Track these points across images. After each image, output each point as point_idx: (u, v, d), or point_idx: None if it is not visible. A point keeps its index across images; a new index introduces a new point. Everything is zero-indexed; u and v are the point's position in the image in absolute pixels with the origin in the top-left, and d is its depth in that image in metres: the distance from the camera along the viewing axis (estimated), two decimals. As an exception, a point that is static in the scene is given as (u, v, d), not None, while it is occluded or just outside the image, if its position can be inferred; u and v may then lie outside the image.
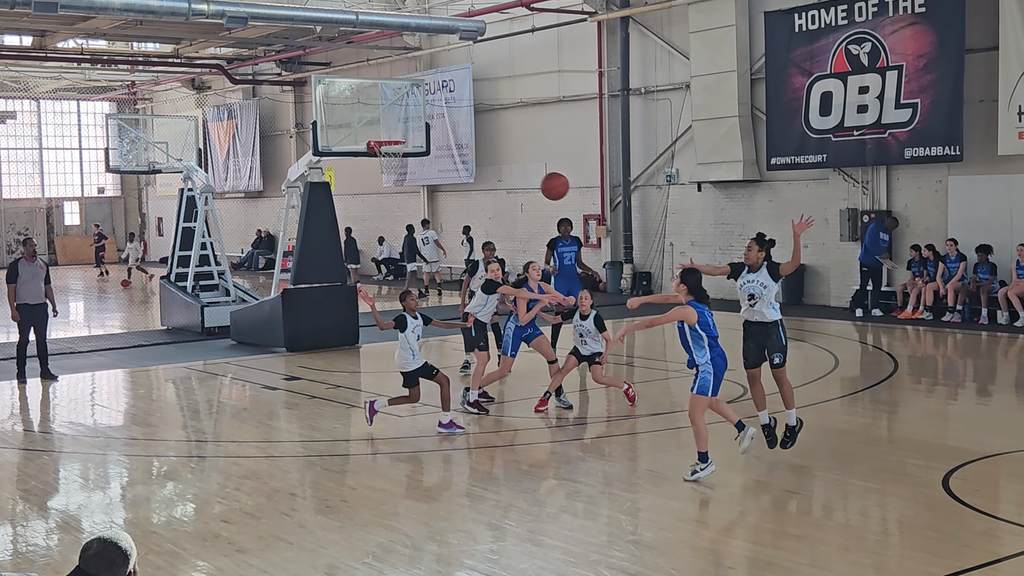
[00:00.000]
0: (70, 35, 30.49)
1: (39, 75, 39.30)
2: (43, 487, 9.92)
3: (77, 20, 27.39)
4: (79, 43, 32.97)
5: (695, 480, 9.01)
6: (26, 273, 14.99)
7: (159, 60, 36.05)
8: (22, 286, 14.94)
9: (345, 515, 8.49)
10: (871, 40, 20.36)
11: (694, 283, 9.07)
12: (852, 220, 21.36)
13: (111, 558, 4.27)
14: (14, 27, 29.41)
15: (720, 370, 9.08)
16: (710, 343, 9.02)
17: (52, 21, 27.58)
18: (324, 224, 18.11)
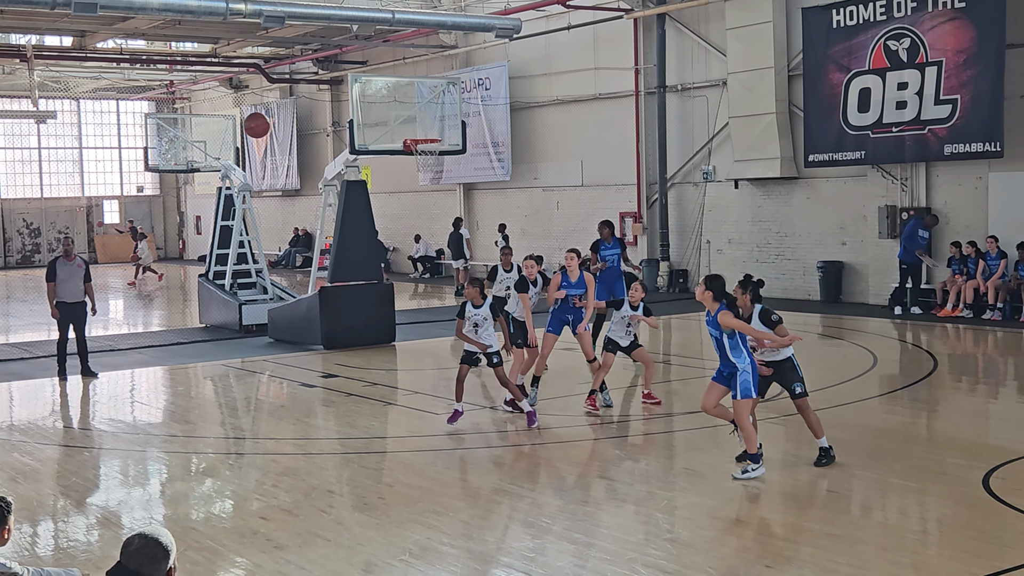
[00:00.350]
0: (109, 35, 30.80)
1: (79, 75, 39.64)
2: (83, 483, 9.99)
3: (116, 20, 27.65)
4: (118, 43, 33.30)
5: (745, 479, 8.99)
6: (64, 272, 15.14)
7: (197, 59, 36.34)
8: (60, 284, 15.09)
9: (382, 512, 8.49)
10: (910, 35, 20.18)
11: (719, 288, 9.01)
12: (891, 217, 21.21)
13: (153, 554, 4.32)
14: (55, 28, 29.75)
15: (755, 374, 9.11)
16: (746, 346, 9.05)
17: (92, 21, 27.89)
18: (361, 222, 18.17)
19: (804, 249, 23.03)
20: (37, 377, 15.68)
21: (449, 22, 26.08)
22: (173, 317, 24.67)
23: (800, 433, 10.86)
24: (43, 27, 29.33)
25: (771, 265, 23.70)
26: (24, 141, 44.42)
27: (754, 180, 23.63)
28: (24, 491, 9.28)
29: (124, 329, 21.99)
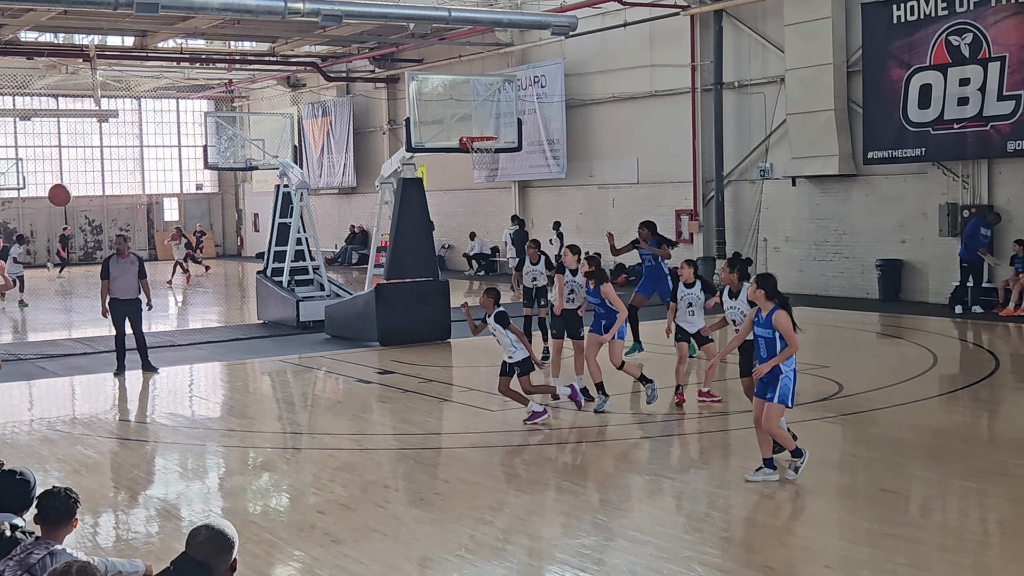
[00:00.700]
0: (170, 35, 31.34)
1: (140, 74, 40.31)
2: (144, 476, 10.18)
3: (177, 20, 28.08)
4: (179, 43, 33.91)
5: (798, 474, 8.89)
6: (117, 269, 15.34)
7: (256, 58, 36.85)
8: (114, 282, 15.29)
9: (438, 508, 8.58)
10: (972, 31, 19.92)
11: (772, 286, 8.82)
12: (951, 215, 20.93)
13: (219, 544, 4.45)
14: (117, 28, 30.30)
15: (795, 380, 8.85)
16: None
17: (153, 21, 28.33)
18: (417, 220, 18.30)
19: (863, 247, 22.83)
20: (99, 372, 15.94)
21: (505, 20, 26.11)
22: (231, 313, 25.04)
23: (857, 433, 10.97)
24: (105, 27, 29.85)
25: (829, 263, 23.54)
26: (86, 140, 45.25)
27: (812, 177, 23.46)
28: (87, 483, 9.44)
29: (184, 325, 22.35)
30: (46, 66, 34.95)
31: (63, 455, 10.74)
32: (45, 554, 5.08)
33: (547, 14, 26.17)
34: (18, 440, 11.54)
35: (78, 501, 5.42)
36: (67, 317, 24.72)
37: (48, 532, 5.27)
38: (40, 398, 14.63)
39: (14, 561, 5.08)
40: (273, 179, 23.98)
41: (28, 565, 5.03)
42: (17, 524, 5.47)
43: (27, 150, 43.87)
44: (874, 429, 11.00)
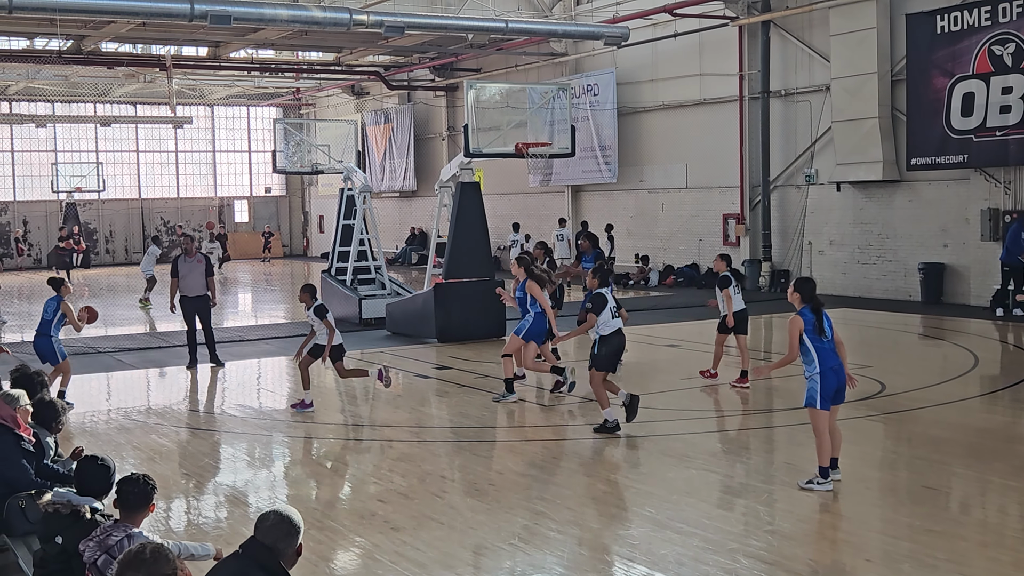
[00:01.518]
0: (241, 46, 31.92)
1: (213, 83, 41.22)
2: (213, 464, 10.45)
3: (248, 32, 28.79)
4: (249, 53, 34.44)
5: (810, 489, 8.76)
6: (184, 268, 15.80)
7: (322, 68, 37.48)
8: (182, 280, 15.78)
9: (492, 498, 8.74)
10: (1015, 40, 20.15)
11: (808, 291, 8.89)
12: (993, 220, 21.15)
13: (286, 529, 4.53)
14: (191, 39, 31.14)
15: (829, 385, 8.70)
16: (818, 353, 8.69)
17: (225, 33, 29.11)
18: (474, 222, 18.63)
19: (905, 251, 23.09)
20: (172, 365, 16.41)
21: (560, 31, 26.53)
22: (297, 310, 25.03)
23: (899, 431, 11.02)
24: (181, 38, 30.68)
25: (872, 266, 23.85)
26: (162, 145, 46.45)
27: (856, 183, 23.75)
28: (160, 470, 9.77)
29: (252, 321, 22.83)
30: (125, 75, 35.81)
31: (138, 443, 11.09)
32: (123, 536, 5.21)
33: (600, 25, 26.62)
34: (96, 429, 11.92)
35: (155, 487, 5.51)
36: (143, 313, 25.26)
37: (126, 516, 5.39)
38: (117, 389, 15.02)
39: (94, 542, 5.22)
40: (338, 183, 24.41)
41: (107, 547, 5.17)
42: (97, 507, 5.65)
43: (107, 154, 45.17)
44: (916, 428, 11.11)
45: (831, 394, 8.74)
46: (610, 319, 10.98)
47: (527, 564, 7.28)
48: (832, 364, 8.73)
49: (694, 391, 13.68)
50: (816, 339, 8.74)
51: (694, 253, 28.28)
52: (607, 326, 10.96)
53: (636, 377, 15.19)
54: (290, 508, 4.66)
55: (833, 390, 8.74)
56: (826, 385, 8.67)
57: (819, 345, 8.74)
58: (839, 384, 8.78)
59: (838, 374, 8.76)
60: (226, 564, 4.61)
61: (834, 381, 8.72)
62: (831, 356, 8.76)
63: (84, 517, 5.52)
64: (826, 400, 8.72)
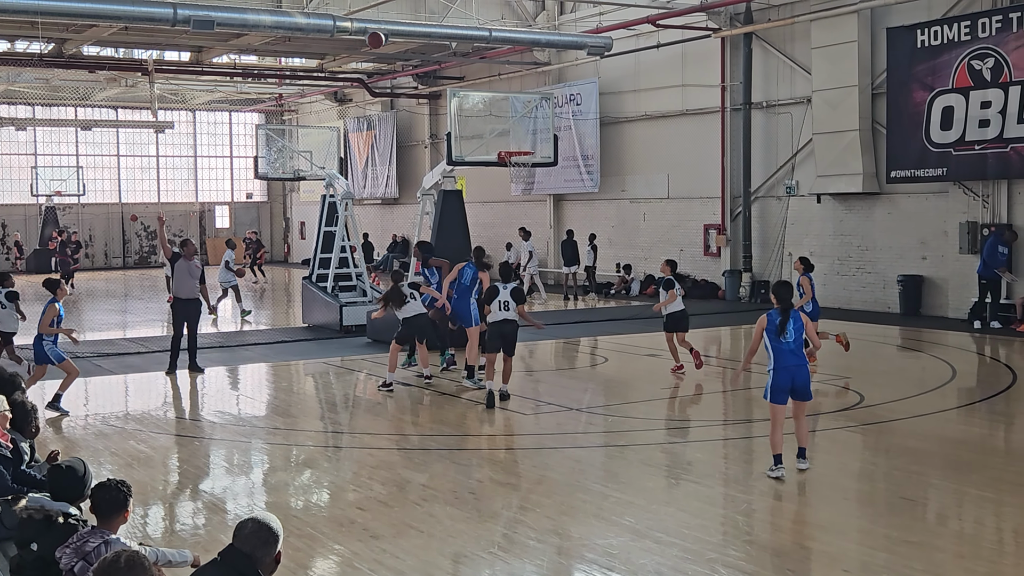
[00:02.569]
0: (224, 51, 31.89)
1: (195, 88, 41.00)
2: (193, 471, 10.46)
3: (231, 37, 28.63)
4: (232, 58, 34.46)
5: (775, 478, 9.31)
6: (182, 270, 15.79)
7: (305, 74, 37.31)
8: (178, 282, 15.78)
9: (472, 506, 8.76)
10: (994, 55, 20.30)
11: (780, 294, 9.62)
12: (971, 233, 21.27)
13: (265, 537, 4.51)
14: (174, 44, 30.92)
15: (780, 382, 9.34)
16: (774, 352, 9.38)
17: (208, 38, 28.90)
18: (456, 230, 18.64)
19: (884, 263, 23.23)
20: (151, 370, 16.28)
21: (543, 40, 26.55)
22: (277, 317, 25.36)
23: (877, 442, 11.10)
24: (163, 43, 30.48)
25: (852, 278, 23.98)
26: (143, 149, 46.29)
27: (836, 195, 23.89)
28: (138, 476, 9.72)
29: (232, 327, 22.73)
30: (107, 79, 35.59)
31: (116, 449, 11.05)
32: (100, 543, 5.19)
33: (583, 35, 26.68)
34: (74, 434, 11.91)
35: (129, 493, 5.46)
36: (122, 318, 25.24)
37: (103, 523, 5.38)
38: (96, 394, 14.94)
39: (71, 549, 5.21)
40: (319, 189, 24.33)
41: (84, 553, 5.16)
42: (71, 513, 5.61)
43: (87, 158, 44.99)
44: (894, 439, 11.14)
45: (783, 388, 9.39)
46: (498, 310, 13.00)
47: (506, 573, 7.29)
48: (787, 363, 9.40)
49: (674, 401, 13.78)
50: (775, 339, 9.43)
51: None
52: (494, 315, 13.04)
53: (617, 386, 15.32)
54: (269, 515, 4.65)
55: (785, 386, 9.39)
56: (777, 380, 9.36)
57: (776, 345, 9.42)
58: (793, 382, 9.41)
59: (791, 372, 9.40)
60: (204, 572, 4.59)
61: (786, 378, 9.36)
62: (787, 356, 9.41)
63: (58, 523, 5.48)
64: (777, 393, 9.39)
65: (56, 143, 44.71)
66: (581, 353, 18.28)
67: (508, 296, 13.05)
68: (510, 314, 13.04)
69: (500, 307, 13.01)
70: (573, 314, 24.44)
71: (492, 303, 13.05)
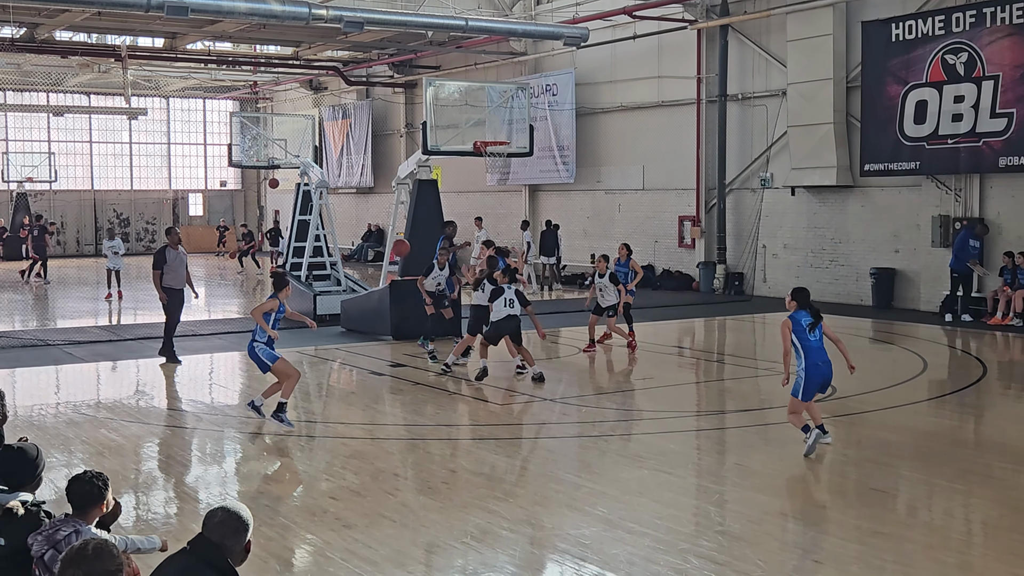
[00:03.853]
0: (198, 37, 31.86)
1: (169, 75, 40.86)
2: (164, 459, 10.43)
3: (205, 23, 28.66)
4: (206, 45, 34.47)
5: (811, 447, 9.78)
6: (172, 260, 15.74)
7: (280, 62, 37.32)
8: (168, 272, 15.68)
9: (445, 496, 8.75)
10: (968, 50, 20.46)
11: (803, 299, 10.06)
12: (944, 227, 21.43)
13: (234, 526, 4.49)
14: (147, 29, 30.88)
15: (813, 378, 9.82)
16: (805, 351, 9.81)
17: (182, 24, 28.89)
18: (431, 219, 18.61)
19: (857, 256, 23.38)
20: (123, 358, 16.26)
21: (519, 30, 26.56)
22: (251, 305, 24.82)
23: (849, 434, 11.12)
24: (137, 28, 30.45)
25: (825, 271, 24.13)
26: (116, 136, 46.04)
27: (810, 187, 24.03)
28: (110, 465, 9.65)
29: (205, 316, 22.60)
30: (79, 65, 35.37)
31: (87, 438, 10.98)
32: (71, 531, 5.12)
33: (560, 25, 26.67)
34: (44, 422, 11.79)
35: (106, 486, 5.39)
36: (94, 305, 25.04)
37: (78, 514, 5.31)
38: (66, 383, 14.86)
39: (42, 536, 5.12)
40: (294, 178, 24.37)
41: (55, 541, 5.08)
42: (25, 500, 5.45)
43: (59, 145, 44.67)
44: (865, 431, 11.21)
45: (815, 388, 9.89)
46: (501, 307, 13.83)
47: (479, 563, 7.29)
48: (817, 360, 9.85)
49: (647, 392, 13.84)
50: (804, 338, 9.87)
51: (650, 254, 28.43)
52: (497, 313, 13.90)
53: (590, 377, 15.34)
54: (239, 504, 4.64)
55: (818, 384, 9.88)
56: (811, 379, 9.80)
57: (806, 344, 9.85)
58: (823, 378, 9.91)
59: (821, 369, 9.86)
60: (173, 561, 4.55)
61: (818, 376, 9.83)
62: (818, 353, 9.86)
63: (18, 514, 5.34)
64: (809, 394, 9.88)
65: (28, 129, 44.37)
66: (554, 343, 18.29)
67: (513, 295, 13.94)
68: (514, 310, 13.90)
69: (505, 304, 13.86)
70: (548, 304, 24.44)
71: (496, 301, 13.89)
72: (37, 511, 5.37)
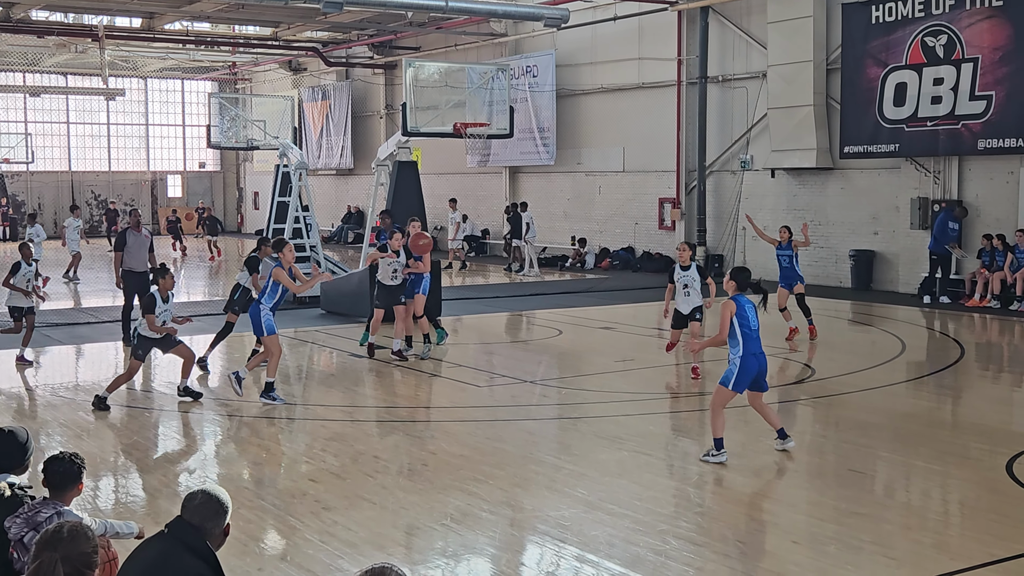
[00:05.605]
0: (176, 17, 31.55)
1: (147, 55, 40.63)
2: (143, 442, 10.34)
3: (183, 3, 28.52)
4: (185, 25, 34.05)
5: (707, 462, 9.09)
6: (133, 242, 15.57)
7: (259, 42, 37.18)
8: (129, 254, 15.52)
9: (425, 478, 8.75)
10: (947, 32, 20.52)
11: (742, 280, 9.30)
12: (923, 209, 21.54)
13: (213, 509, 4.49)
14: (125, 9, 30.63)
15: (748, 369, 9.02)
16: (744, 337, 8.99)
17: (160, 4, 28.83)
18: (411, 201, 18.53)
19: (837, 238, 23.47)
20: (102, 341, 16.18)
21: (500, 11, 26.42)
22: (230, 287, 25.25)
23: (827, 415, 11.21)
24: (114, 8, 30.21)
25: (804, 252, 23.98)
26: (94, 117, 45.71)
27: (790, 170, 24.08)
28: (88, 448, 9.60)
29: (184, 298, 22.45)
30: (56, 45, 35.07)
31: (66, 420, 10.97)
32: (52, 513, 5.11)
33: (540, 7, 26.62)
34: (23, 405, 11.83)
35: (83, 466, 5.40)
36: (72, 287, 24.91)
37: (56, 495, 5.31)
38: (45, 365, 14.68)
39: (21, 519, 5.12)
40: (273, 159, 24.28)
41: (35, 523, 5.06)
42: (12, 483, 5.43)
43: (36, 125, 44.33)
44: (843, 412, 11.25)
45: (748, 380, 9.09)
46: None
47: (459, 544, 7.30)
48: (754, 350, 9.06)
49: (627, 373, 13.83)
50: (746, 324, 9.04)
51: (630, 236, 28.47)
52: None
53: (570, 359, 15.38)
54: (218, 487, 4.62)
55: (751, 376, 9.09)
56: (744, 369, 9.02)
57: (746, 331, 9.05)
58: (759, 370, 9.13)
59: (759, 359, 9.10)
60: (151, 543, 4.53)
61: (754, 366, 9.07)
62: (755, 343, 9.08)
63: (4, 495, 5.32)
64: (741, 384, 9.09)
65: (4, 109, 43.98)
66: (534, 325, 18.31)
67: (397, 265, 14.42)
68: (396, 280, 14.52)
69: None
70: (528, 287, 24.45)
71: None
72: (23, 494, 5.34)
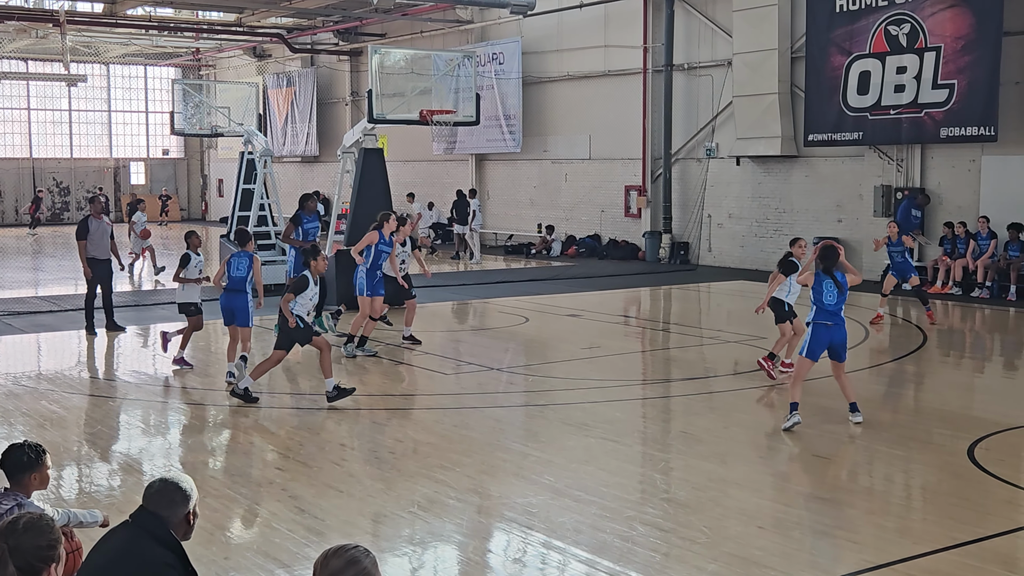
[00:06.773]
0: (139, 3, 31.18)
1: (109, 41, 40.13)
2: (107, 431, 10.30)
3: None
4: (148, 11, 33.76)
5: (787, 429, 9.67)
6: (96, 229, 15.43)
7: (223, 28, 36.90)
8: (91, 242, 15.39)
9: (392, 466, 8.76)
10: (910, 21, 20.64)
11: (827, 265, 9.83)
12: (886, 196, 21.69)
13: (172, 497, 4.39)
14: None
15: (819, 338, 9.73)
16: (816, 309, 9.73)
17: (123, -11, 28.59)
18: (377, 189, 18.50)
19: (801, 225, 23.57)
20: (65, 329, 16.04)
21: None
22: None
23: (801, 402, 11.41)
24: None
25: (769, 240, 24.35)
26: (55, 103, 45.19)
27: (755, 157, 24.20)
28: (51, 437, 9.56)
29: (148, 286, 22.39)
30: (16, 30, 34.53)
31: (28, 409, 10.87)
32: (13, 504, 5.06)
33: (507, -6, 26.68)
34: None
35: (40, 455, 5.33)
36: (34, 275, 24.71)
37: (14, 485, 5.25)
38: (6, 354, 14.65)
39: None
40: (238, 146, 24.17)
41: None
42: None
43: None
44: (807, 398, 10.99)
45: (820, 349, 9.80)
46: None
47: (426, 532, 7.30)
48: (825, 320, 9.71)
49: (594, 360, 13.87)
50: (817, 299, 9.75)
51: (596, 224, 28.53)
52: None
53: (537, 347, 15.39)
54: (180, 475, 4.56)
55: (823, 345, 9.79)
56: (815, 338, 9.73)
57: (818, 303, 9.77)
58: (831, 340, 9.80)
59: (830, 331, 9.75)
60: (115, 533, 4.48)
61: (825, 336, 9.75)
62: (827, 315, 9.74)
63: None
64: (814, 353, 9.80)
65: (-38, 95, 43.40)
66: (501, 313, 18.32)
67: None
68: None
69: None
70: (493, 274, 24.44)
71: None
72: None
